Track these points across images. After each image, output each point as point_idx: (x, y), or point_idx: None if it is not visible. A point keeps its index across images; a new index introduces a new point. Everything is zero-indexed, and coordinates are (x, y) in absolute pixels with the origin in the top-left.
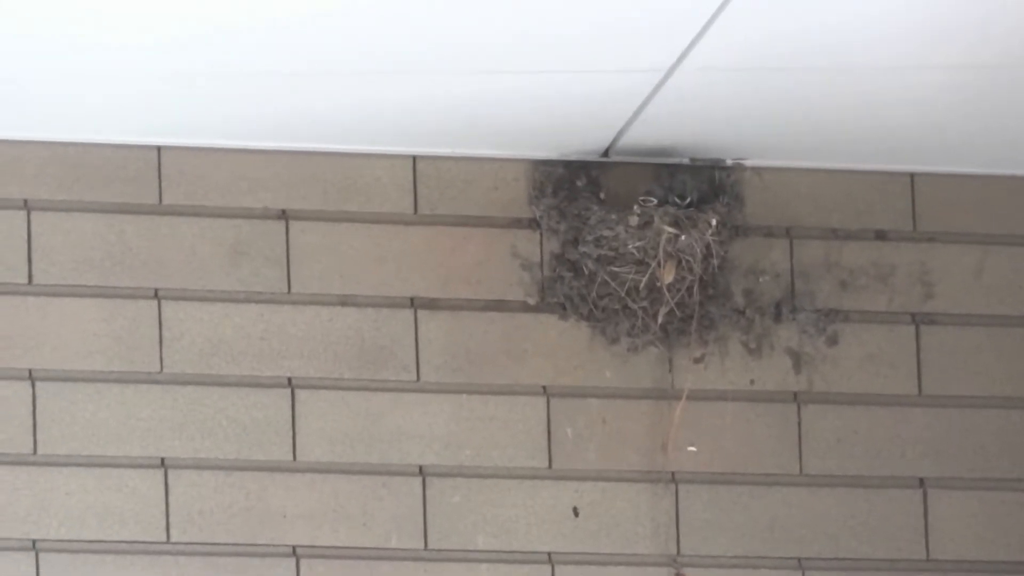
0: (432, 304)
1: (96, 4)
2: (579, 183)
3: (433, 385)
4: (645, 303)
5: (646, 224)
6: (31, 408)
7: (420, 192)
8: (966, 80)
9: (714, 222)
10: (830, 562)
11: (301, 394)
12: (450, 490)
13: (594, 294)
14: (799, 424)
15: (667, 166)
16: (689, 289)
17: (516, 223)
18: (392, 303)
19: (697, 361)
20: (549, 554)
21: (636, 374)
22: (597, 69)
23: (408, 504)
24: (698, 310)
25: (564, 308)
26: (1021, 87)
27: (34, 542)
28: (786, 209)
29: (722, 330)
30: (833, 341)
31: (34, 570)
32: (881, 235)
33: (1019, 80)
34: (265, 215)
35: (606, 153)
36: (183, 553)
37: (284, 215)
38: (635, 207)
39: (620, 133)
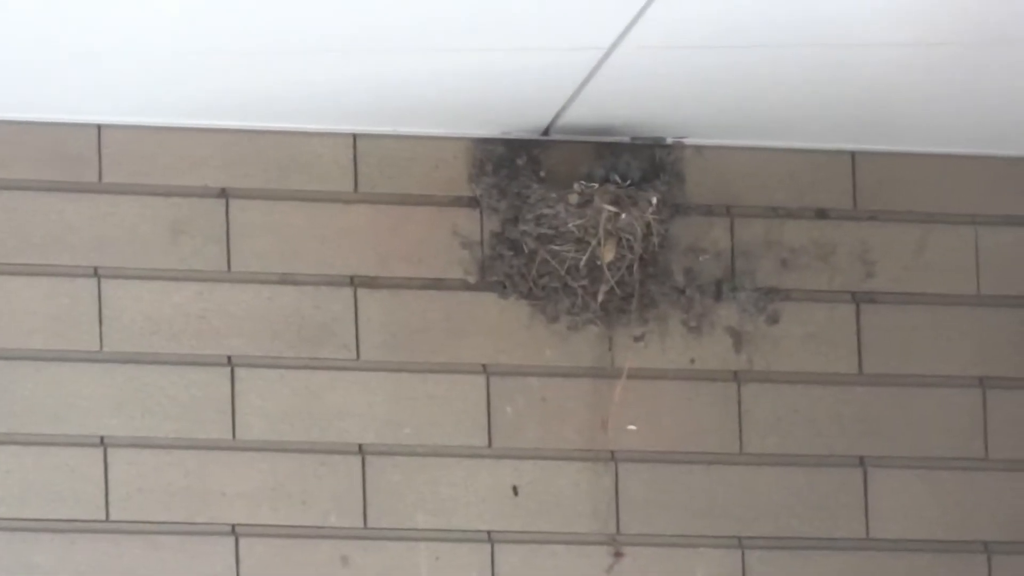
0: (372, 282)
1: None
2: (519, 162)
3: (373, 363)
4: (585, 282)
5: (586, 203)
6: None
7: (360, 170)
8: (908, 59)
9: (654, 201)
10: (770, 541)
11: (240, 372)
12: (389, 468)
13: (534, 273)
14: (739, 403)
15: (608, 145)
16: (629, 268)
17: (456, 201)
18: (332, 281)
19: (637, 340)
20: (488, 532)
21: (576, 353)
22: (537, 47)
23: (347, 483)
24: (638, 289)
25: (504, 287)
26: (964, 66)
27: None
28: (727, 188)
29: (662, 309)
30: (773, 320)
31: None
32: (822, 214)
33: (962, 59)
34: (205, 193)
35: (546, 132)
36: (122, 532)
37: (224, 193)
38: (575, 185)
39: (560, 112)
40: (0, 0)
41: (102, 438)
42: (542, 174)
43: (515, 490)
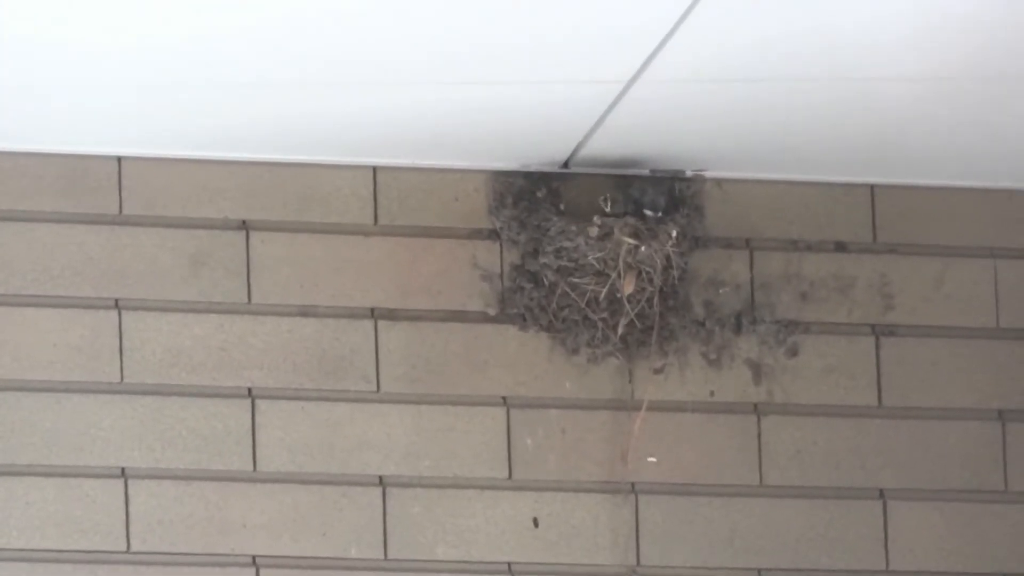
0: (392, 314)
1: (60, 15)
2: (539, 194)
3: (393, 395)
4: (605, 314)
5: (606, 235)
6: None
7: (380, 203)
8: (927, 92)
9: (674, 233)
10: (789, 573)
11: (261, 404)
12: (410, 500)
13: (554, 305)
14: (759, 435)
15: (627, 177)
16: (649, 300)
17: (476, 234)
18: (352, 313)
19: (657, 372)
20: (509, 564)
21: (596, 385)
22: (558, 80)
23: (368, 514)
24: (658, 321)
25: (524, 319)
26: (982, 99)
27: None
28: (746, 220)
29: (682, 341)
30: (793, 352)
31: None
32: (841, 247)
33: (981, 92)
34: (225, 225)
35: (566, 164)
36: (143, 563)
37: (244, 225)
38: (595, 218)
39: (580, 144)
40: (22, 34)
41: (123, 469)
42: (562, 207)
43: (535, 522)
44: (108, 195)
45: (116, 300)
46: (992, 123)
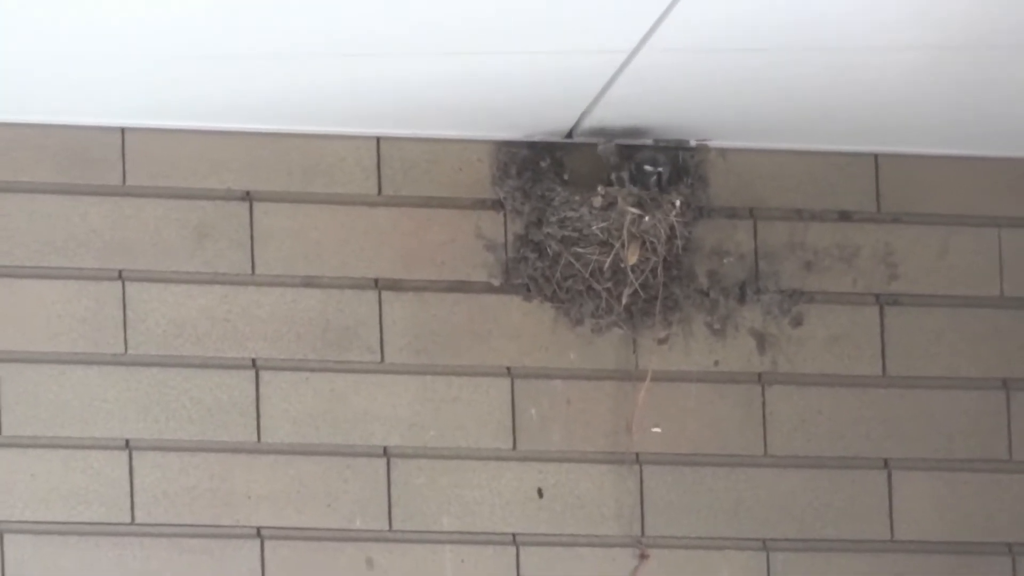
0: (396, 285)
1: None
2: (543, 164)
3: (397, 366)
4: (609, 284)
5: (610, 205)
6: None
7: (384, 173)
8: (931, 61)
9: (678, 203)
10: (795, 543)
11: (265, 375)
12: (415, 471)
13: (558, 275)
14: (763, 405)
15: (631, 147)
16: (653, 270)
17: (480, 204)
18: (356, 284)
19: (661, 342)
20: (514, 535)
21: (600, 355)
22: (561, 50)
23: (372, 485)
24: (662, 291)
25: (528, 289)
26: (986, 68)
27: None
28: (750, 190)
29: (686, 311)
30: (797, 322)
31: None
32: (845, 216)
33: (984, 61)
34: (229, 196)
35: (570, 134)
36: (148, 534)
37: (248, 196)
38: (599, 188)
39: (584, 114)
40: (24, 6)
41: (127, 441)
42: (566, 176)
43: (540, 492)
44: (112, 166)
45: (120, 271)
46: (996, 92)
